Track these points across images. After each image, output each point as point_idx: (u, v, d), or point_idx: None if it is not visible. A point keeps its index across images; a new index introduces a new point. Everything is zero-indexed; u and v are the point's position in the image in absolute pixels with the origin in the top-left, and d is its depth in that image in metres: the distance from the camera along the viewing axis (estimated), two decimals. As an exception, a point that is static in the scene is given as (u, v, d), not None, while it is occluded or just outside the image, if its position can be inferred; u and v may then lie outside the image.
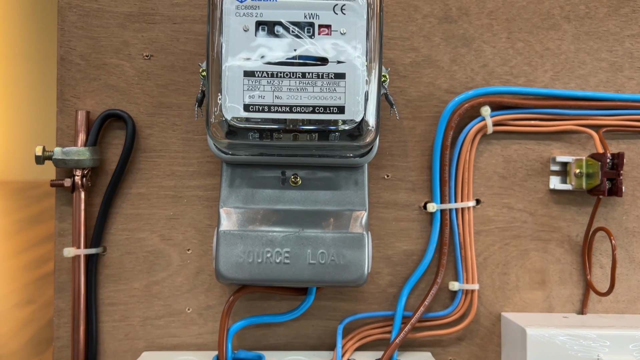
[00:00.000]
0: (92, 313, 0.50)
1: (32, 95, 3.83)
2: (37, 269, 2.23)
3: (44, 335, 1.61)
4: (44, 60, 3.56)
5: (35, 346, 1.52)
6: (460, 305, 0.51)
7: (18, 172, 4.32)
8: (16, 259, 2.41)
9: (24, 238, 2.80)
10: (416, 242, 0.52)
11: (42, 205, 3.79)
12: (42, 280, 2.10)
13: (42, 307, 1.82)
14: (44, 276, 2.14)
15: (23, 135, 4.01)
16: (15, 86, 3.95)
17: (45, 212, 3.61)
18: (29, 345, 1.52)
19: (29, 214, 3.52)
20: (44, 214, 3.54)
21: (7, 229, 3.10)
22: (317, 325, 0.52)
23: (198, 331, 0.51)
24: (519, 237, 0.52)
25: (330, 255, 0.45)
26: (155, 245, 0.51)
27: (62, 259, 0.51)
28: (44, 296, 1.92)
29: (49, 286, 2.06)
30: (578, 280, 0.53)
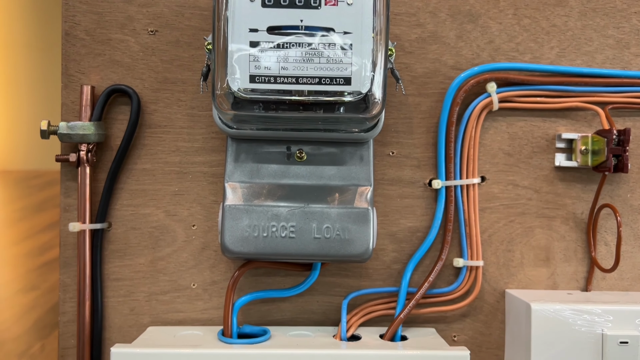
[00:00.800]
0: (98, 288, 0.51)
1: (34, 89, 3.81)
2: (40, 256, 2.24)
3: (48, 320, 1.62)
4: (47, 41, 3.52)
5: (39, 331, 1.53)
6: (464, 281, 0.51)
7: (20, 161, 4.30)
8: (19, 247, 2.42)
9: (26, 226, 2.81)
10: (421, 219, 0.52)
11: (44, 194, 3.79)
12: (45, 267, 2.11)
13: (46, 293, 1.83)
14: (47, 263, 2.15)
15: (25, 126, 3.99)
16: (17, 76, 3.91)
17: (48, 201, 3.62)
18: (33, 330, 1.53)
19: (31, 202, 3.53)
20: (46, 203, 3.55)
21: (10, 217, 3.11)
22: (322, 301, 0.52)
23: (203, 306, 0.51)
24: (523, 214, 0.52)
25: (336, 230, 0.46)
26: (161, 221, 0.51)
27: (67, 234, 0.51)
28: (47, 282, 1.93)
29: (52, 273, 2.08)
30: (582, 258, 0.53)
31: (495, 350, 0.52)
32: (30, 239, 2.59)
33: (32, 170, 4.26)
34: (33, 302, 1.69)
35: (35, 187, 3.98)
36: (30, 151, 4.02)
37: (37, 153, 3.99)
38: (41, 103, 3.83)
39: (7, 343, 1.40)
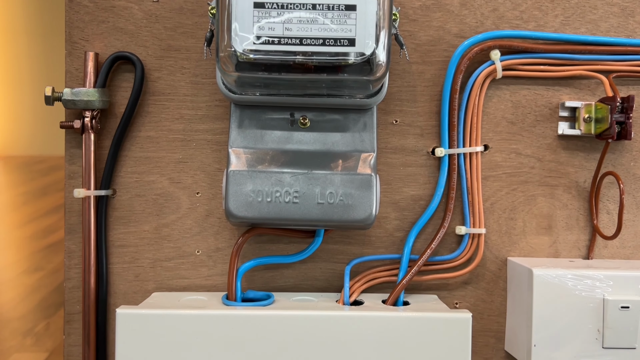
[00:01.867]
0: (102, 255, 0.51)
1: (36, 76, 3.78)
2: (44, 239, 2.26)
3: (52, 300, 1.64)
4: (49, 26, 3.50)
5: (43, 310, 1.54)
6: (466, 249, 0.52)
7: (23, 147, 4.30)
8: (23, 229, 2.44)
9: (30, 210, 2.83)
10: (424, 187, 0.52)
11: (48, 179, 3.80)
12: (49, 249, 2.12)
13: (50, 274, 1.84)
14: (51, 245, 2.16)
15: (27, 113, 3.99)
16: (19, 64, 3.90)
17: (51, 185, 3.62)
18: (38, 309, 1.54)
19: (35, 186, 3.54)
20: (49, 187, 3.56)
21: (14, 200, 3.12)
22: (325, 268, 0.52)
23: (207, 273, 0.52)
24: (526, 182, 0.53)
25: (339, 196, 0.46)
26: (165, 188, 0.52)
27: (72, 201, 0.51)
28: (51, 264, 1.95)
29: (56, 254, 2.09)
30: (585, 226, 0.53)
31: (497, 318, 0.53)
32: (34, 222, 2.61)
33: (35, 156, 4.27)
34: (37, 283, 1.71)
35: (39, 172, 4.00)
36: (32, 137, 4.04)
37: (40, 139, 4.00)
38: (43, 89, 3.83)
39: (13, 322, 1.42)
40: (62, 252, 0.52)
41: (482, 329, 0.53)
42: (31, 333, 1.37)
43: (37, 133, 3.99)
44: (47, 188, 3.28)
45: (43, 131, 3.96)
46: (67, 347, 0.52)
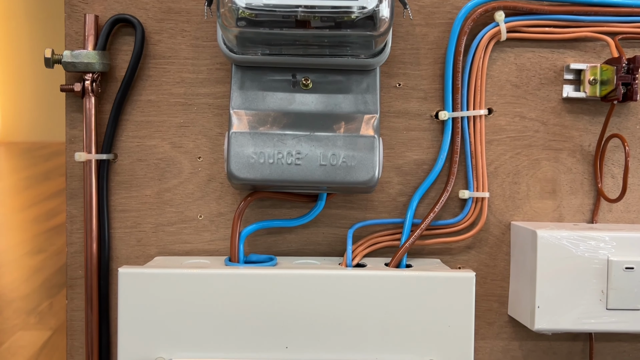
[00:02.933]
0: (104, 219, 0.51)
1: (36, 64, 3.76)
2: (47, 222, 2.26)
3: (55, 281, 1.65)
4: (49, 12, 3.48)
5: (47, 290, 1.55)
6: (470, 213, 0.51)
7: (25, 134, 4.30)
8: (26, 212, 2.44)
9: (33, 193, 2.83)
10: (427, 151, 0.52)
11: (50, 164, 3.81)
12: (52, 231, 2.13)
13: (53, 255, 1.85)
14: (53, 228, 2.17)
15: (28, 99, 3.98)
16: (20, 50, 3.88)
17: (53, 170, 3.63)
18: (41, 289, 1.55)
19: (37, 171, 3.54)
20: (52, 172, 3.56)
21: (16, 185, 3.13)
22: (327, 233, 0.52)
23: (210, 238, 0.52)
24: (530, 146, 0.52)
25: (341, 157, 0.45)
26: (166, 152, 0.51)
27: (73, 165, 0.51)
28: (54, 246, 1.95)
29: (59, 237, 2.10)
30: (589, 190, 0.53)
31: (500, 282, 0.53)
32: (36, 206, 2.61)
33: (37, 142, 4.28)
34: (41, 264, 1.71)
35: (41, 158, 4.00)
36: (34, 124, 4.04)
37: (41, 125, 4.00)
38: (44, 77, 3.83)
39: (16, 301, 1.43)
40: (64, 235, 0.52)
41: (485, 293, 0.53)
42: (35, 312, 1.38)
43: (38, 120, 4.00)
44: (50, 173, 3.29)
45: (44, 118, 3.97)
46: (70, 311, 0.52)
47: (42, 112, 3.92)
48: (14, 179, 3.16)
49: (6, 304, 1.43)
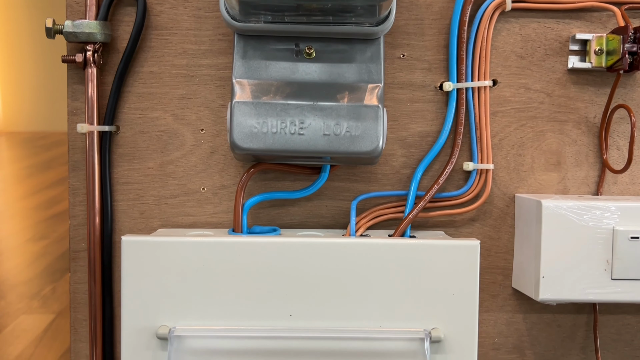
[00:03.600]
0: (107, 192, 0.51)
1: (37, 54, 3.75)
2: (49, 209, 2.26)
3: (58, 266, 1.65)
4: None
5: (50, 275, 1.55)
6: (474, 185, 0.51)
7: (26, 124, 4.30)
8: (28, 200, 2.44)
9: (34, 182, 2.83)
10: (431, 123, 0.52)
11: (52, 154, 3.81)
12: (54, 218, 2.13)
13: (55, 241, 1.85)
14: (55, 215, 2.17)
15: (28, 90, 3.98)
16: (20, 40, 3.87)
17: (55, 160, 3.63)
18: (44, 274, 1.55)
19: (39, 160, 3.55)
20: (53, 161, 3.56)
21: (18, 173, 3.13)
22: (331, 206, 0.52)
23: (213, 210, 0.52)
24: (535, 118, 0.52)
25: (345, 127, 0.45)
26: (169, 124, 0.51)
27: (75, 137, 0.51)
28: (56, 232, 1.96)
29: (61, 224, 2.10)
30: (594, 162, 0.52)
31: (504, 255, 0.52)
32: (38, 194, 2.62)
33: (38, 132, 4.28)
34: (43, 250, 1.71)
35: (42, 147, 4.01)
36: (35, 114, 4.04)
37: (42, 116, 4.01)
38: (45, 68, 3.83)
39: (19, 286, 1.43)
40: (66, 222, 0.51)
41: (489, 266, 0.53)
42: (38, 296, 1.38)
43: (39, 110, 4.00)
44: (51, 162, 3.29)
45: (45, 108, 3.97)
46: (73, 284, 0.52)
47: (42, 102, 3.93)
48: (15, 168, 3.16)
49: (9, 288, 1.43)
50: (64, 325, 1.22)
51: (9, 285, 1.46)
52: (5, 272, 1.54)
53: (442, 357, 0.42)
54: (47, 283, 1.46)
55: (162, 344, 0.42)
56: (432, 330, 0.42)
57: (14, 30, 3.84)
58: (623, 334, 0.53)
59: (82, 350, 0.52)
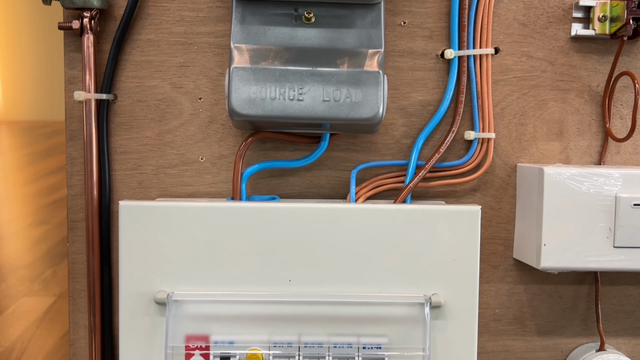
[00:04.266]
0: (105, 161, 0.50)
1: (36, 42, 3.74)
2: (49, 196, 2.26)
3: (59, 250, 1.65)
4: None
5: (50, 259, 1.55)
6: (475, 154, 0.51)
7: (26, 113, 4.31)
8: (28, 187, 2.44)
9: (35, 169, 2.83)
10: (432, 92, 0.51)
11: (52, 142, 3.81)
12: (54, 204, 2.13)
13: (56, 227, 1.85)
14: (56, 201, 2.17)
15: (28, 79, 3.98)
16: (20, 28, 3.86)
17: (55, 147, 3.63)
18: (45, 258, 1.55)
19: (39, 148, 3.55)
20: (53, 149, 3.57)
21: (19, 161, 3.13)
22: (330, 176, 0.52)
23: (212, 180, 0.51)
24: (537, 86, 0.51)
25: (345, 93, 0.45)
26: (167, 93, 0.50)
27: (72, 106, 0.50)
28: (57, 218, 1.96)
29: (61, 210, 2.10)
30: (597, 132, 0.52)
31: (506, 225, 0.52)
32: (39, 181, 2.61)
33: (38, 121, 4.28)
34: (44, 235, 1.71)
35: (42, 136, 4.00)
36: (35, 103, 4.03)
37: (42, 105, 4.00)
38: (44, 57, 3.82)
39: (20, 269, 1.43)
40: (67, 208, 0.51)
41: (490, 236, 0.52)
42: (39, 279, 1.38)
43: (39, 99, 3.99)
44: (51, 150, 3.29)
45: (45, 97, 3.97)
46: (72, 254, 0.51)
47: (43, 91, 3.92)
48: (16, 156, 3.16)
49: (10, 271, 1.43)
50: (64, 307, 1.22)
51: (9, 268, 1.46)
52: (6, 256, 1.54)
53: (443, 323, 0.42)
54: (48, 267, 1.46)
55: (160, 310, 0.42)
56: (433, 296, 0.42)
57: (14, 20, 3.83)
58: (625, 305, 0.53)
59: (80, 320, 0.52)
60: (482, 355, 0.53)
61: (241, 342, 0.41)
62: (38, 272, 1.43)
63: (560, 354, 0.53)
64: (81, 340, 0.52)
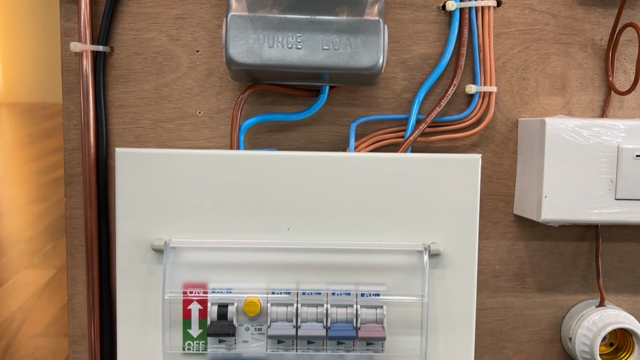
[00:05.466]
0: (102, 115, 0.50)
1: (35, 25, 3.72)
2: (50, 174, 2.26)
3: (59, 226, 1.65)
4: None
5: (51, 234, 1.55)
6: (476, 108, 0.50)
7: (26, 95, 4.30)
8: (29, 165, 2.44)
9: (35, 149, 2.83)
10: (434, 45, 0.50)
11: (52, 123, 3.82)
12: (54, 182, 2.13)
13: (56, 203, 1.86)
14: (56, 179, 2.17)
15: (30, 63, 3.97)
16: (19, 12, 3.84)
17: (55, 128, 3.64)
18: (45, 233, 1.55)
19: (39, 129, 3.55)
20: (53, 130, 3.57)
21: (19, 141, 3.13)
22: (330, 131, 0.51)
23: (210, 135, 0.51)
24: (540, 40, 0.50)
25: (345, 41, 0.44)
26: (164, 45, 0.50)
27: (69, 58, 0.50)
28: (57, 195, 1.96)
29: (61, 188, 2.11)
30: (600, 86, 0.51)
31: (506, 181, 0.52)
32: (39, 160, 2.61)
33: (38, 103, 4.27)
34: (44, 211, 1.71)
35: (42, 117, 4.00)
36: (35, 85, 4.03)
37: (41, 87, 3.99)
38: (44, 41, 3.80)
39: (21, 243, 1.43)
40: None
41: (491, 192, 0.52)
42: (39, 253, 1.38)
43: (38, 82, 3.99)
44: (51, 130, 3.29)
45: (44, 80, 3.97)
46: (69, 209, 0.51)
47: (42, 74, 3.92)
48: (16, 136, 3.16)
49: (11, 245, 1.43)
50: (65, 280, 1.23)
51: (10, 242, 1.46)
52: (7, 231, 1.55)
53: (442, 272, 0.42)
54: (49, 241, 1.47)
55: (157, 257, 0.41)
56: (432, 244, 0.41)
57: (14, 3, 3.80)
58: (625, 262, 0.53)
59: (78, 275, 0.52)
60: (481, 312, 0.52)
61: (239, 289, 0.41)
62: (39, 246, 1.43)
63: (560, 311, 0.53)
64: (79, 296, 0.52)
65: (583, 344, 0.49)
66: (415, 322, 0.41)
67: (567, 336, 0.51)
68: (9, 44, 3.98)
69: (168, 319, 0.41)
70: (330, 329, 0.40)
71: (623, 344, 0.51)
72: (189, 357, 0.41)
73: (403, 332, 0.41)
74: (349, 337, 0.40)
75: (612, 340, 0.52)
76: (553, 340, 0.53)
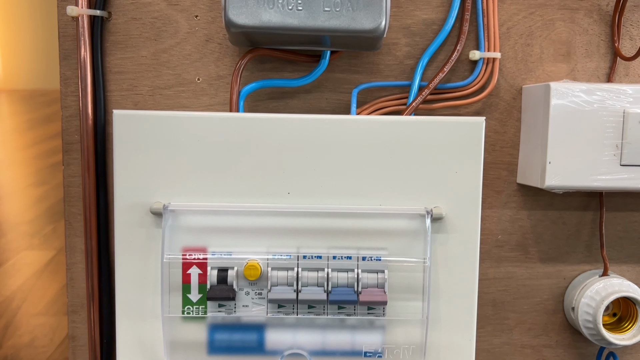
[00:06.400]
0: (99, 81, 0.49)
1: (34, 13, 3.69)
2: (49, 158, 2.26)
3: (59, 208, 1.65)
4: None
5: (50, 216, 1.55)
6: (480, 75, 0.49)
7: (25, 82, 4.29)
8: (29, 150, 2.44)
9: (35, 134, 2.83)
10: (437, 10, 0.49)
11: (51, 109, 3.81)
12: (54, 166, 2.12)
13: (55, 187, 1.85)
14: (56, 164, 2.16)
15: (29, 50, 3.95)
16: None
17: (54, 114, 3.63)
18: (45, 215, 1.55)
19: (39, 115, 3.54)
20: (53, 116, 3.56)
21: (19, 127, 3.12)
22: (331, 98, 0.50)
23: (209, 102, 0.50)
24: (545, 5, 0.50)
25: (346, 3, 0.43)
26: (162, 10, 0.49)
27: (66, 23, 0.49)
28: (57, 179, 1.95)
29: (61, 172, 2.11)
30: (605, 53, 0.50)
31: (510, 150, 0.51)
32: (38, 145, 2.61)
33: (37, 89, 4.26)
34: (44, 194, 1.71)
35: (42, 104, 3.99)
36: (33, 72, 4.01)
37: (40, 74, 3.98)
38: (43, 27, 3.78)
39: (21, 225, 1.43)
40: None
41: (494, 161, 0.51)
42: (39, 235, 1.38)
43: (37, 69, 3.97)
44: (51, 116, 3.28)
45: (44, 66, 3.96)
46: (67, 177, 0.50)
47: (42, 60, 3.90)
48: (16, 122, 3.15)
49: (11, 227, 1.43)
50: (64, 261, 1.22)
51: (10, 224, 1.46)
52: (7, 213, 1.54)
53: (444, 237, 0.41)
54: (48, 223, 1.46)
55: (156, 221, 0.41)
56: (434, 208, 0.41)
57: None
58: (629, 232, 0.52)
59: (77, 244, 0.51)
60: (484, 282, 0.52)
61: (239, 253, 0.40)
62: (38, 228, 1.43)
63: (563, 281, 0.52)
64: (78, 265, 0.51)
65: (586, 312, 0.49)
66: (417, 287, 0.41)
67: (569, 306, 0.51)
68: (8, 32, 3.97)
69: (167, 283, 0.40)
70: (331, 293, 0.40)
71: (626, 314, 0.50)
72: (188, 321, 0.41)
73: (404, 297, 0.41)
74: (350, 302, 0.40)
75: (615, 310, 0.51)
76: (555, 311, 0.53)
